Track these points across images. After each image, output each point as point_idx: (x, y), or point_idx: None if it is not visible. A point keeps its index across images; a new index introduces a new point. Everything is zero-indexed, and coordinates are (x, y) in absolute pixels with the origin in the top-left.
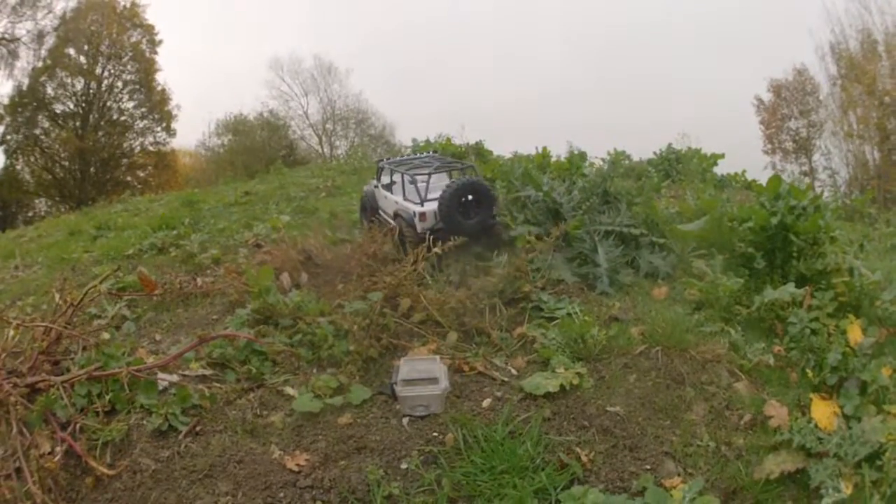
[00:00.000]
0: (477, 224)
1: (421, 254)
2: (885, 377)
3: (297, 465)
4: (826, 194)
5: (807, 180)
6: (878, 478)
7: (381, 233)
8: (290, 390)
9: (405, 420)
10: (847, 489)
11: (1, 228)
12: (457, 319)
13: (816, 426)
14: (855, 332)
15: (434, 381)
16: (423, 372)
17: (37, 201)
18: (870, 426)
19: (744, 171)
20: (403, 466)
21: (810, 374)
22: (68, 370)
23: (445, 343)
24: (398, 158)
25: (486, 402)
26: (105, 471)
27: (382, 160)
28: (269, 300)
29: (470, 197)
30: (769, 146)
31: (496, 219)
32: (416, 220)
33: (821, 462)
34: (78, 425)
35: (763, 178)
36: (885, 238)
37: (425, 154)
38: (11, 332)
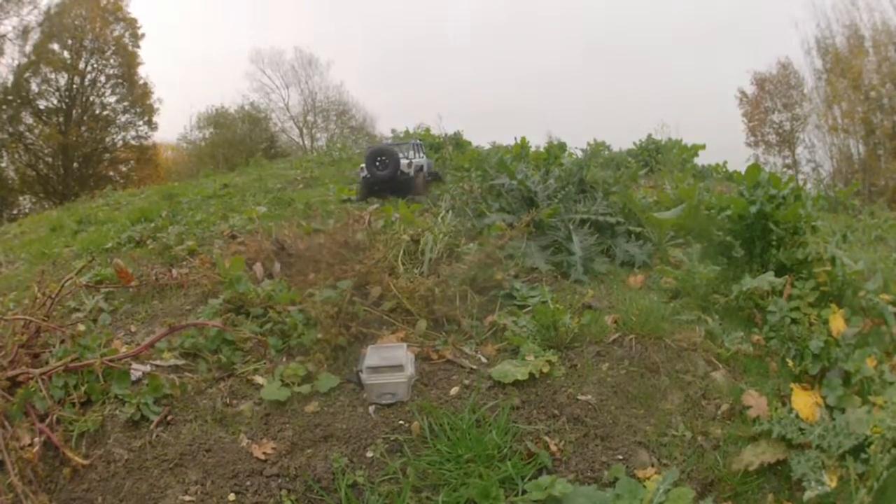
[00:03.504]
0: (387, 174)
1: (391, 243)
2: (870, 368)
3: (264, 453)
4: (809, 186)
5: (790, 173)
6: (864, 470)
7: (353, 220)
8: (259, 379)
9: (371, 408)
10: (832, 482)
11: None
12: (426, 307)
13: (798, 417)
14: (837, 322)
15: (400, 368)
16: (389, 359)
17: (21, 198)
18: (855, 417)
19: (725, 163)
20: (369, 455)
21: (791, 363)
22: (47, 362)
23: (415, 331)
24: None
25: (453, 390)
26: (81, 461)
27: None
28: (240, 290)
29: (383, 157)
30: (752, 139)
31: (407, 174)
32: (360, 172)
33: (803, 454)
34: (55, 416)
35: (745, 170)
36: (868, 229)
37: (409, 141)
38: None
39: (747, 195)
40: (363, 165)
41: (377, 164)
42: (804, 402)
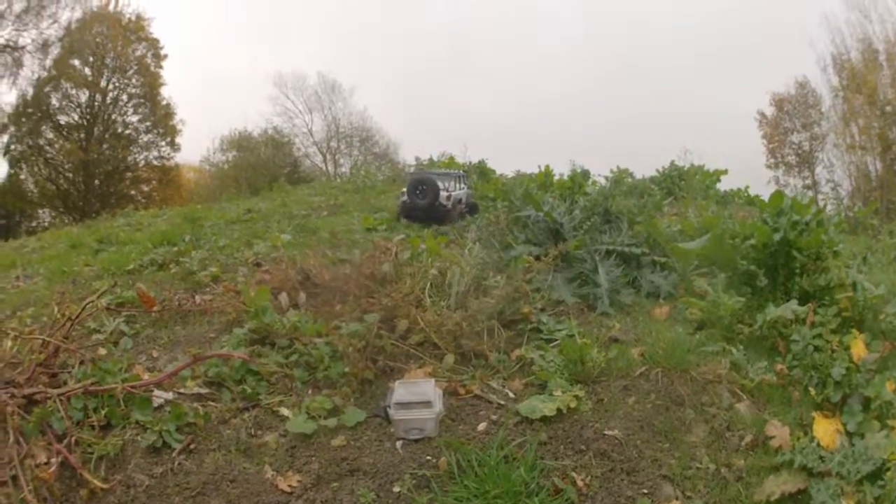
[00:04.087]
0: (426, 202)
1: (418, 276)
2: (889, 392)
3: (290, 486)
4: (829, 207)
5: (810, 194)
6: (880, 495)
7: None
8: (284, 411)
9: (399, 443)
10: None
11: (4, 238)
12: (454, 341)
13: (819, 445)
14: (858, 348)
15: (428, 404)
16: (417, 395)
17: (40, 212)
18: (873, 442)
19: (747, 187)
20: (396, 490)
21: (813, 391)
22: (66, 383)
23: (442, 365)
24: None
25: (481, 426)
26: (99, 484)
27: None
28: (266, 320)
29: (423, 187)
30: (772, 160)
31: (444, 206)
32: (401, 196)
33: (822, 481)
34: (74, 438)
35: (766, 193)
36: (888, 250)
37: (451, 171)
38: (10, 343)
39: (771, 223)
40: (405, 190)
41: (418, 192)
42: (825, 429)
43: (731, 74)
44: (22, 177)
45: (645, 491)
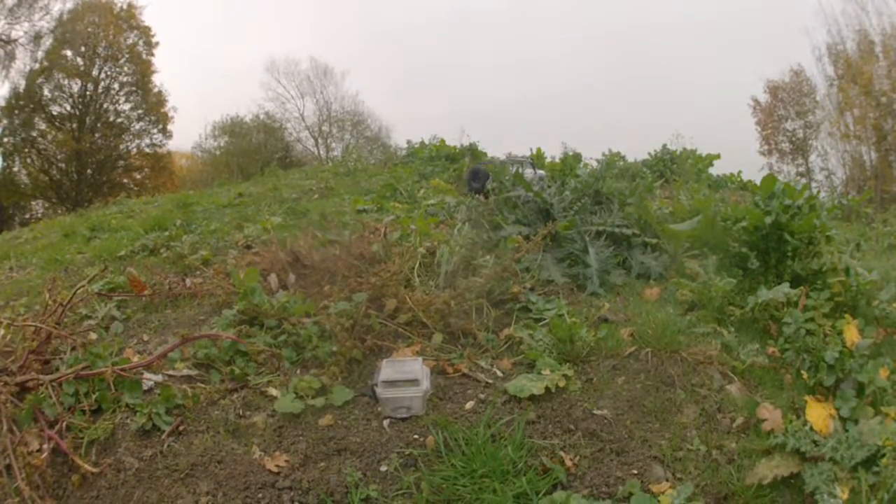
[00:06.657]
0: (478, 186)
1: (407, 255)
2: (883, 378)
3: (277, 465)
4: (823, 195)
5: (803, 181)
6: (875, 482)
7: (369, 232)
8: (273, 391)
9: (386, 422)
10: (843, 494)
11: None
12: (442, 320)
13: (811, 429)
14: (852, 333)
15: (415, 382)
16: (404, 373)
17: (33, 203)
18: (867, 428)
19: (739, 172)
20: (383, 469)
21: (805, 375)
22: (57, 369)
23: (430, 344)
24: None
25: (469, 405)
26: (90, 469)
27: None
28: (255, 301)
29: (478, 175)
30: (766, 147)
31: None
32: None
33: (816, 466)
34: (65, 423)
35: (759, 179)
36: (882, 238)
37: (507, 160)
38: (2, 332)
39: (762, 206)
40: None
41: (473, 180)
42: (818, 414)
43: (724, 61)
44: (15, 169)
45: (634, 472)
